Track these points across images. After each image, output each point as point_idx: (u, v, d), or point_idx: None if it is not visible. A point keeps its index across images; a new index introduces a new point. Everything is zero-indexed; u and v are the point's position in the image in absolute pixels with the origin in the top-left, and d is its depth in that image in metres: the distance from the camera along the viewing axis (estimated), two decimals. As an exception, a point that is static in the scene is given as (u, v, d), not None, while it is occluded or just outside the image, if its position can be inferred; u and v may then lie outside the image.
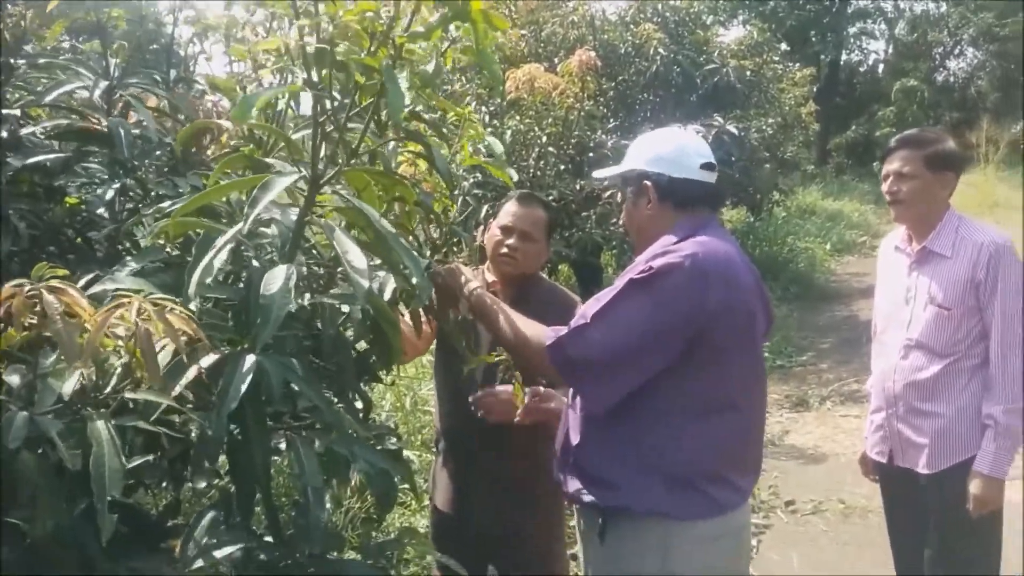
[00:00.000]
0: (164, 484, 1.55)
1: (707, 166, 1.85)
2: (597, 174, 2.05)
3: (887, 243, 2.71)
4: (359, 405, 1.57)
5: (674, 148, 1.86)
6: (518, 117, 5.50)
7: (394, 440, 1.59)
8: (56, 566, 1.10)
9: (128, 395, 1.02)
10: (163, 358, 1.06)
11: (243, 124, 1.28)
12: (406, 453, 2.78)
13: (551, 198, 5.38)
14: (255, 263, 1.16)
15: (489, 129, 4.51)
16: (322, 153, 1.15)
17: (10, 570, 1.12)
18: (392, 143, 1.33)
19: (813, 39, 23.75)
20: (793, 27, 22.92)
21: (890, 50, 27.07)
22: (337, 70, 1.07)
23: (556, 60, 5.71)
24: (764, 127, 8.88)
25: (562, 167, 5.78)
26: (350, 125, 1.16)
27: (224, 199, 1.28)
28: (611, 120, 6.70)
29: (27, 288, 0.89)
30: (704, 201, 1.85)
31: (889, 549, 2.71)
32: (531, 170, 5.46)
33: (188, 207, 1.11)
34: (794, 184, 12.36)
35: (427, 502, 2.72)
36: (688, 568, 1.70)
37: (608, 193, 5.73)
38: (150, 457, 1.31)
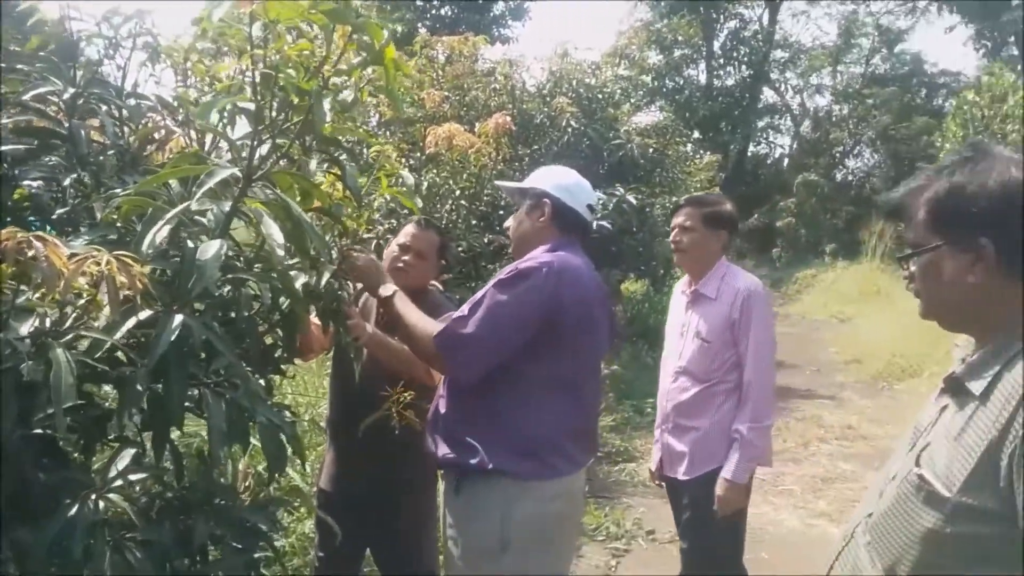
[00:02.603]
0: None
1: (590, 208, 2.32)
2: (501, 184, 2.50)
3: (678, 286, 3.22)
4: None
5: (573, 183, 2.33)
6: (435, 171, 5.87)
7: (288, 414, 1.86)
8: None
9: (83, 332, 1.28)
10: (109, 310, 1.34)
11: (202, 123, 1.58)
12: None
13: (460, 249, 5.75)
14: (189, 243, 1.44)
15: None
16: (256, 155, 1.46)
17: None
18: (314, 163, 1.66)
19: (724, 129, 25.28)
20: (705, 117, 24.44)
21: (795, 145, 28.86)
22: (277, 91, 1.41)
23: (477, 124, 6.12)
24: (668, 204, 9.56)
25: (473, 221, 6.16)
26: (280, 140, 1.49)
27: (166, 194, 1.56)
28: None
29: (19, 235, 1.17)
30: (579, 231, 2.31)
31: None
32: (443, 221, 5.79)
33: (143, 186, 1.39)
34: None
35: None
36: (525, 521, 2.05)
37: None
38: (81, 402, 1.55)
